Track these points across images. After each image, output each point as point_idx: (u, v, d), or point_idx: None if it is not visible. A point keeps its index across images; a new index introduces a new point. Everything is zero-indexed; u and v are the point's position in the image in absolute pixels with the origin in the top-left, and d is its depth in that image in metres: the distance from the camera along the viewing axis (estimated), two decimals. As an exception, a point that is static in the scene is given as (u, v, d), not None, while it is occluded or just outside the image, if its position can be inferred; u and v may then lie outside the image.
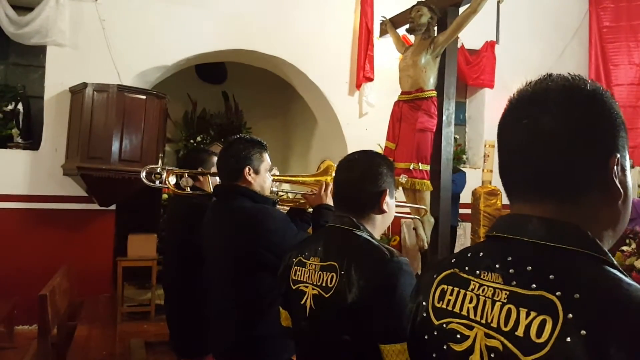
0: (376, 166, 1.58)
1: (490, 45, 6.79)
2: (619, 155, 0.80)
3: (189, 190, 2.71)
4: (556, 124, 0.81)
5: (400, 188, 4.51)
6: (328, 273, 1.47)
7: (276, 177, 2.53)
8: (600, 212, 0.81)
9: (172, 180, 2.62)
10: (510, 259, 0.81)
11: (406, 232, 6.34)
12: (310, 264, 1.55)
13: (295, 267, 1.59)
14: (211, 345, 2.29)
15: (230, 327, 2.11)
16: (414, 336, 0.95)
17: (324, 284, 1.47)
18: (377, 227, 1.59)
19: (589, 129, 0.80)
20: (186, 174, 2.69)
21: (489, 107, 7.14)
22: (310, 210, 2.44)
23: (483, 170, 6.15)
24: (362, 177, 1.57)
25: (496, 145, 0.93)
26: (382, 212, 1.57)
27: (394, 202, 1.64)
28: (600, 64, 7.19)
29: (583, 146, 0.80)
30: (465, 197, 5.98)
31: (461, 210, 6.09)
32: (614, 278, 0.73)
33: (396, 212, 1.76)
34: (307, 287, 1.53)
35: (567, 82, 0.84)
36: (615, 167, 0.80)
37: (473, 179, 6.23)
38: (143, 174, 2.64)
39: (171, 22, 5.71)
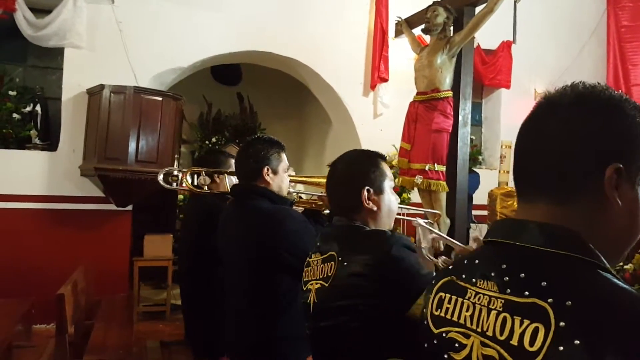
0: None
1: (506, 45, 6.74)
2: (620, 165, 0.78)
3: (206, 189, 2.72)
4: (558, 128, 0.82)
5: (416, 189, 4.49)
6: (328, 263, 1.49)
7: (293, 178, 2.53)
8: (593, 220, 0.80)
9: (189, 179, 2.63)
10: (504, 266, 0.80)
11: (421, 233, 6.30)
12: (313, 260, 1.57)
13: (305, 269, 1.61)
14: (228, 345, 2.29)
15: (247, 328, 2.11)
16: (416, 344, 0.95)
17: (325, 275, 1.48)
18: (378, 224, 1.59)
19: (589, 136, 0.80)
20: (203, 172, 2.70)
21: (506, 108, 7.09)
22: (327, 212, 2.43)
23: (499, 171, 6.10)
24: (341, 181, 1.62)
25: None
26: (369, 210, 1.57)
27: (389, 197, 1.61)
28: (618, 64, 7.09)
29: (579, 151, 0.80)
30: (481, 198, 5.93)
31: (477, 212, 6.04)
32: (606, 283, 0.73)
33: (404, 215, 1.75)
34: (312, 284, 1.54)
35: (584, 89, 0.84)
36: (612, 176, 0.77)
37: (489, 180, 6.18)
38: (160, 177, 2.64)
39: (187, 25, 5.75)
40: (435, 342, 0.88)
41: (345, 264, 1.43)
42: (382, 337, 1.39)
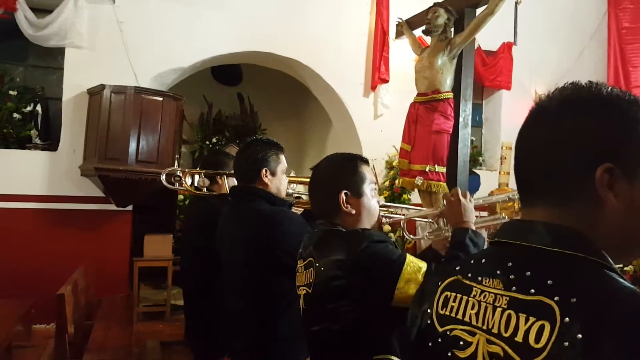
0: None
1: (507, 47, 6.73)
2: (611, 165, 0.77)
3: (205, 190, 2.72)
4: (548, 134, 0.82)
5: (416, 190, 4.50)
6: (309, 269, 1.53)
7: (292, 179, 2.53)
8: (591, 221, 0.79)
9: (189, 180, 2.63)
10: (510, 264, 0.81)
11: (421, 233, 6.30)
12: (298, 267, 1.61)
13: (296, 274, 1.65)
14: (227, 345, 2.29)
15: (247, 329, 2.11)
16: (419, 343, 0.95)
17: (308, 282, 1.52)
18: (359, 227, 1.58)
19: (577, 139, 0.79)
20: (202, 174, 2.70)
21: (506, 109, 7.09)
22: None
23: (500, 172, 6.09)
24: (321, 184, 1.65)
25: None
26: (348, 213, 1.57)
27: (368, 200, 1.61)
28: (619, 66, 7.08)
29: (569, 155, 0.79)
30: (481, 199, 5.92)
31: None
32: (611, 281, 0.73)
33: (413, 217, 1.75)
34: (300, 290, 1.59)
35: (571, 92, 0.83)
36: (603, 176, 0.77)
37: (490, 181, 6.17)
38: (163, 177, 2.65)
39: (188, 25, 5.75)
40: (439, 340, 0.88)
41: (322, 269, 1.46)
42: (372, 335, 1.41)
